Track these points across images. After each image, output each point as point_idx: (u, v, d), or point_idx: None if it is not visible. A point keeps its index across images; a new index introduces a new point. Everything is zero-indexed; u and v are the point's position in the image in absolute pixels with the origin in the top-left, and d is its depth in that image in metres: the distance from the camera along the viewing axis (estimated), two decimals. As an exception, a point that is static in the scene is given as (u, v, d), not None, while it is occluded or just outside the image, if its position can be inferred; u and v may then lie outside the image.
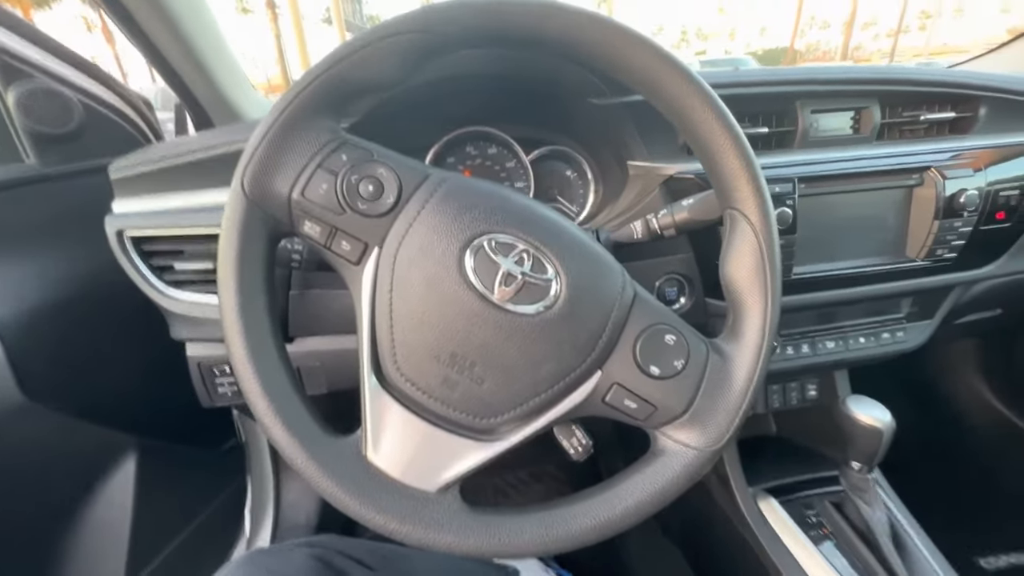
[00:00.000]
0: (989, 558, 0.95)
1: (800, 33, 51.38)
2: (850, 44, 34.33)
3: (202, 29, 0.65)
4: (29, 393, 0.54)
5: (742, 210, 0.39)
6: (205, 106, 0.67)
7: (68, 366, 0.59)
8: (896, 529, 0.62)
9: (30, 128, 0.56)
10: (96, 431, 0.63)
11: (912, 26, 57.03)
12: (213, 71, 0.67)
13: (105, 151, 0.65)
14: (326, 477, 0.35)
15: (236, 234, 0.36)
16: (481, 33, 0.37)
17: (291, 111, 0.36)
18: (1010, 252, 0.65)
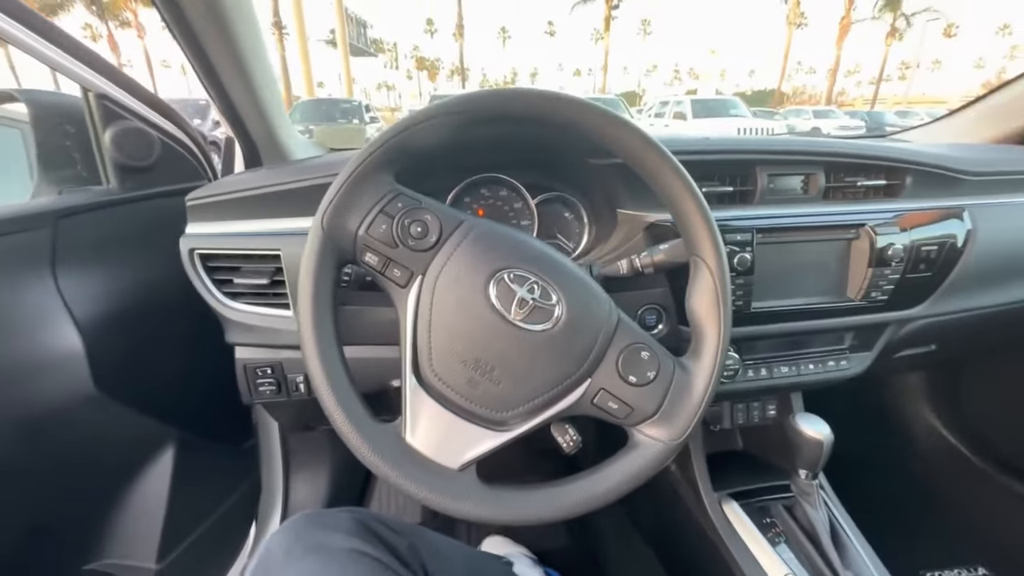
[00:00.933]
0: (931, 573, 1.05)
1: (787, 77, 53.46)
2: (834, 90, 35.87)
3: (263, 73, 0.76)
4: (99, 384, 0.63)
5: (703, 257, 0.50)
6: (257, 144, 0.78)
7: (131, 363, 0.68)
8: (835, 528, 0.72)
9: (118, 161, 0.67)
10: (145, 422, 0.72)
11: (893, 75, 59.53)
12: (268, 112, 0.78)
13: (171, 179, 0.76)
14: (373, 453, 0.45)
15: (314, 260, 0.47)
16: (504, 114, 0.49)
17: (363, 168, 0.47)
18: (933, 297, 0.77)
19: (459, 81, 69.16)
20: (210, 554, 0.86)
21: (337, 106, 9.44)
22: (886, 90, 46.63)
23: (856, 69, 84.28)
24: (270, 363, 0.69)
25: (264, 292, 0.65)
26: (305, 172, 0.67)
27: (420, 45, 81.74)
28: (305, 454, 1.05)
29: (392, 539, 0.51)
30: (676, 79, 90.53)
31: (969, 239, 0.76)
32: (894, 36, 34.61)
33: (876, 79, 41.46)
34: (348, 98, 12.44)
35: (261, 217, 0.66)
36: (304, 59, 13.42)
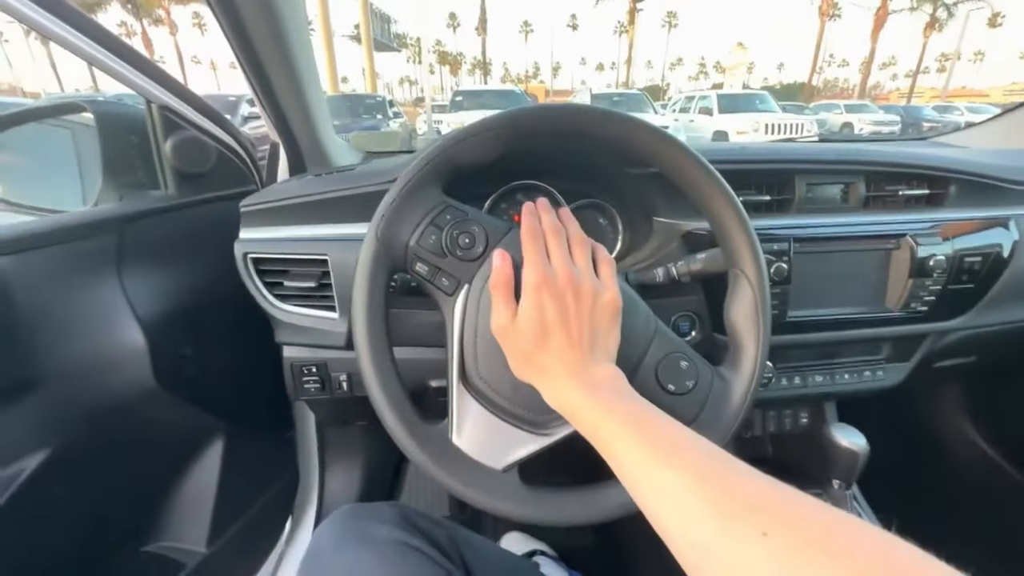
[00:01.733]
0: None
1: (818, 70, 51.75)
2: (868, 83, 34.60)
3: (311, 77, 0.79)
4: (159, 379, 0.67)
5: (744, 271, 0.51)
6: (303, 149, 0.82)
7: (187, 359, 0.72)
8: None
9: (178, 168, 0.71)
10: (197, 414, 0.76)
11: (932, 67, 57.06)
12: (315, 117, 0.81)
13: (224, 184, 0.80)
14: (422, 453, 0.47)
15: (369, 268, 0.49)
16: (553, 130, 0.50)
17: (414, 182, 0.49)
18: (976, 308, 0.76)
19: (480, 75, 68.96)
20: (251, 541, 0.91)
21: (362, 102, 9.56)
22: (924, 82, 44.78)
23: (892, 62, 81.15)
24: (315, 362, 0.73)
25: (311, 295, 0.69)
26: (350, 181, 0.70)
27: (443, 40, 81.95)
28: (340, 448, 1.09)
29: (433, 531, 0.53)
30: (702, 73, 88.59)
31: (1016, 250, 0.74)
32: (934, 27, 33.16)
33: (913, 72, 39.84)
34: (372, 93, 12.59)
35: (309, 223, 0.69)
36: (329, 55, 13.60)
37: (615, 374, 0.43)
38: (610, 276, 0.48)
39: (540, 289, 0.44)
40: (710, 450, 0.34)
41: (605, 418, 0.39)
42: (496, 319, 0.45)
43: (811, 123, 9.61)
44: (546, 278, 0.44)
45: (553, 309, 0.43)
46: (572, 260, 0.47)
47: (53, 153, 0.83)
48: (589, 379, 0.42)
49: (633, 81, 49.41)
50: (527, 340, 0.44)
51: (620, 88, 30.95)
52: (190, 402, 0.74)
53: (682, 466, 0.32)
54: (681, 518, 0.30)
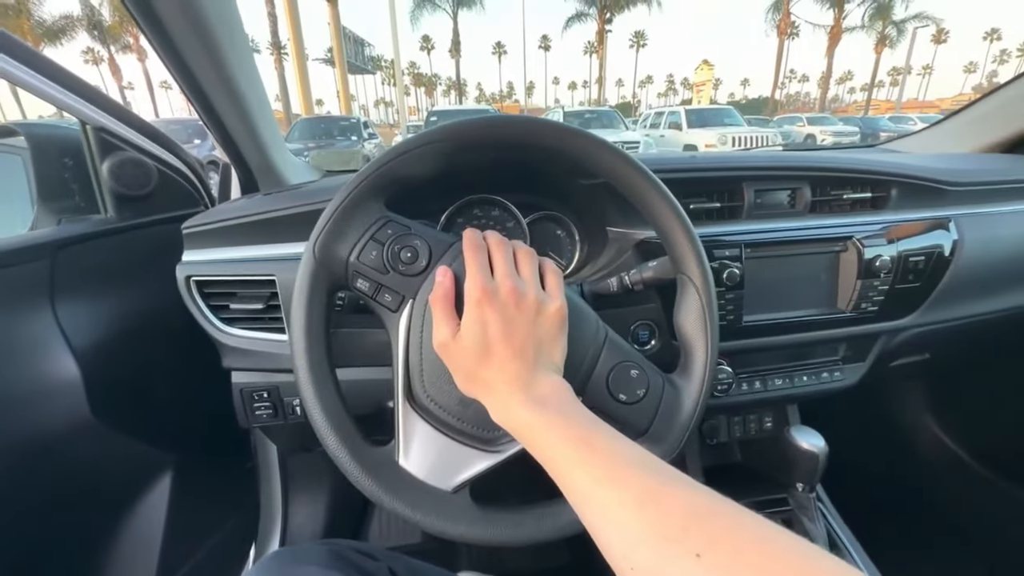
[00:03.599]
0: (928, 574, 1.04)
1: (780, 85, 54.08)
2: (827, 97, 36.23)
3: (256, 98, 0.78)
4: (96, 412, 0.64)
5: (689, 276, 0.51)
6: (253, 169, 0.80)
7: (129, 390, 0.68)
8: (834, 541, 0.71)
9: (116, 191, 0.68)
10: (143, 448, 0.72)
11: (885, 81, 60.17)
12: (262, 138, 0.79)
13: (168, 206, 0.78)
14: (366, 477, 0.45)
15: (306, 287, 0.47)
16: (495, 143, 0.50)
17: (352, 197, 0.48)
18: (924, 306, 0.78)
19: (455, 96, 69.82)
20: (212, 574, 0.86)
21: (336, 124, 9.54)
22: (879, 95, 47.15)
23: (848, 76, 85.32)
24: (266, 387, 0.70)
25: (260, 317, 0.66)
26: (299, 198, 0.68)
27: (417, 62, 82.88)
28: (304, 476, 1.04)
29: (370, 567, 0.50)
30: (671, 89, 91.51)
31: (956, 249, 0.77)
32: (884, 44, 35.07)
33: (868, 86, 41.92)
34: (346, 115, 12.58)
35: (256, 243, 0.67)
36: (301, 76, 13.60)
37: (561, 386, 0.42)
38: (556, 286, 0.47)
39: (481, 303, 0.43)
40: (654, 467, 0.34)
41: (549, 435, 0.38)
42: (437, 335, 0.44)
43: (775, 135, 10.00)
44: (487, 291, 0.43)
45: (495, 323, 0.42)
46: (517, 272, 0.46)
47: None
48: (534, 393, 0.41)
49: (605, 99, 50.68)
50: (470, 356, 0.43)
51: (592, 105, 31.70)
52: (134, 435, 0.70)
53: (623, 485, 0.32)
54: (622, 539, 0.30)
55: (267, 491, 1.01)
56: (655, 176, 0.50)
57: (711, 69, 28.22)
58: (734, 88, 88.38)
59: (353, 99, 28.51)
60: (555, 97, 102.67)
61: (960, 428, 1.20)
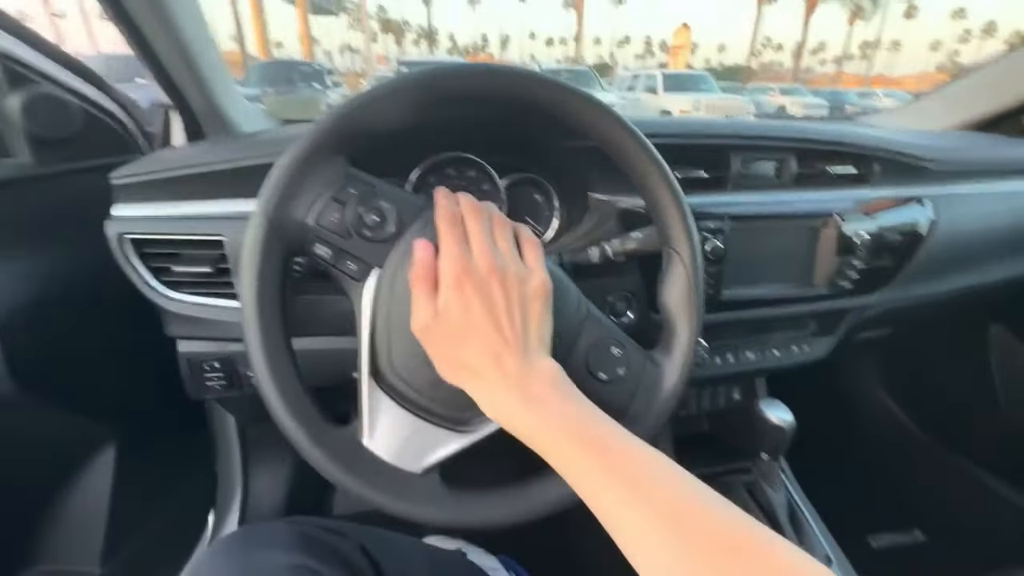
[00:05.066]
0: (877, 537, 1.12)
1: (756, 53, 54.05)
2: (800, 68, 36.50)
3: (200, 39, 0.68)
4: (21, 383, 0.57)
5: (677, 250, 0.48)
6: (198, 114, 0.71)
7: (59, 358, 0.61)
8: (794, 509, 0.74)
9: (32, 132, 0.59)
10: (80, 421, 0.66)
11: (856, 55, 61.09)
12: (207, 80, 0.70)
13: (98, 152, 0.68)
14: (328, 460, 0.42)
15: (257, 253, 0.42)
16: (475, 93, 0.44)
17: (310, 149, 0.42)
18: (893, 284, 0.79)
19: (426, 46, 66.43)
20: (163, 552, 0.82)
21: (296, 69, 8.90)
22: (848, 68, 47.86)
23: (821, 47, 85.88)
24: (218, 356, 0.65)
25: (208, 281, 0.60)
26: (252, 148, 0.61)
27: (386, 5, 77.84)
28: (265, 445, 1.00)
29: (339, 544, 0.48)
30: (648, 52, 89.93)
31: (930, 227, 0.77)
32: (858, 16, 35.24)
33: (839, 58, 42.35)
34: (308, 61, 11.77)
35: (201, 198, 0.60)
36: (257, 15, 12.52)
37: (554, 371, 0.40)
38: (536, 259, 0.44)
39: (461, 283, 0.39)
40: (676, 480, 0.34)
41: (557, 437, 0.37)
42: (417, 317, 0.40)
43: (748, 104, 10.02)
44: (467, 269, 0.39)
45: (477, 304, 0.39)
46: (495, 244, 0.42)
47: None
48: (527, 383, 0.39)
49: (582, 57, 49.25)
50: (453, 341, 0.39)
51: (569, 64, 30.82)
52: (69, 408, 0.64)
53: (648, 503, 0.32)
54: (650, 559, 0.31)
55: (225, 462, 0.97)
56: (649, 142, 0.46)
57: (689, 32, 27.74)
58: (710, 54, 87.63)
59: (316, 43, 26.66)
60: (531, 53, 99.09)
61: (909, 398, 1.27)
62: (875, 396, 1.28)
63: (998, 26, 79.35)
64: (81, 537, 0.69)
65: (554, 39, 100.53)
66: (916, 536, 1.13)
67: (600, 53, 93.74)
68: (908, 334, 1.06)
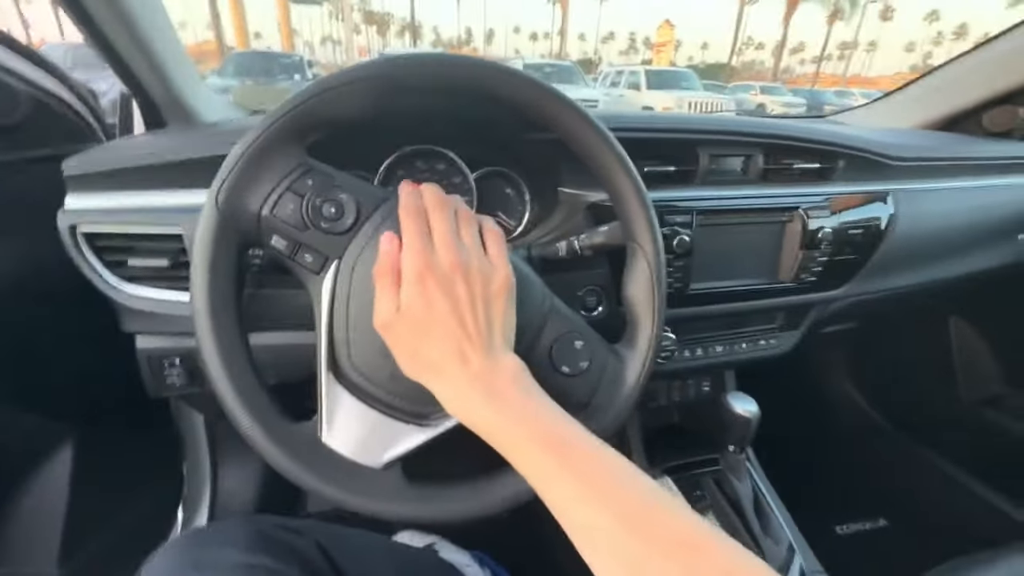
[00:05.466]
0: (843, 526, 1.16)
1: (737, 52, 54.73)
2: (780, 67, 37.06)
3: (156, 25, 0.66)
4: None
5: (640, 244, 0.49)
6: (158, 103, 0.69)
7: (8, 355, 0.59)
8: (759, 500, 0.76)
9: (-27, 118, 0.56)
10: (33, 419, 0.64)
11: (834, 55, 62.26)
12: (166, 68, 0.68)
13: (50, 141, 0.66)
14: (285, 457, 0.41)
15: (209, 245, 0.41)
16: (439, 86, 0.44)
17: (264, 139, 0.41)
18: (856, 278, 0.81)
19: (410, 39, 65.64)
20: (127, 552, 0.80)
21: (276, 60, 8.71)
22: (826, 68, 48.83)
23: (800, 47, 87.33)
24: (178, 352, 0.63)
25: (166, 275, 0.58)
26: (212, 138, 0.59)
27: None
28: (235, 439, 0.98)
29: (296, 543, 0.47)
30: (632, 48, 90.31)
31: (891, 223, 0.79)
32: (837, 17, 35.93)
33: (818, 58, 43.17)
34: (288, 53, 11.52)
35: (158, 189, 0.58)
36: (234, 3, 12.20)
37: (516, 368, 0.40)
38: (499, 253, 0.44)
39: (424, 278, 0.39)
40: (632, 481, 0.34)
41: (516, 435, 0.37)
42: (380, 312, 0.40)
43: (729, 102, 10.15)
44: (430, 264, 0.39)
45: (440, 300, 0.39)
46: (459, 239, 0.42)
47: None
48: (490, 379, 0.38)
49: (567, 53, 49.22)
50: (415, 336, 0.39)
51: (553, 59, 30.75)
52: (19, 406, 0.61)
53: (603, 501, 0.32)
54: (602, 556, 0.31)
55: (193, 458, 0.95)
56: (611, 135, 0.47)
57: (672, 30, 27.94)
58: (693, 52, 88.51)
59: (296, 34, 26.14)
60: (515, 47, 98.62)
61: (873, 390, 1.30)
62: (842, 388, 1.32)
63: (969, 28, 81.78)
64: (38, 538, 0.67)
65: (538, 34, 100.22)
66: (880, 524, 1.16)
67: (584, 49, 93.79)
68: (873, 328, 1.09)
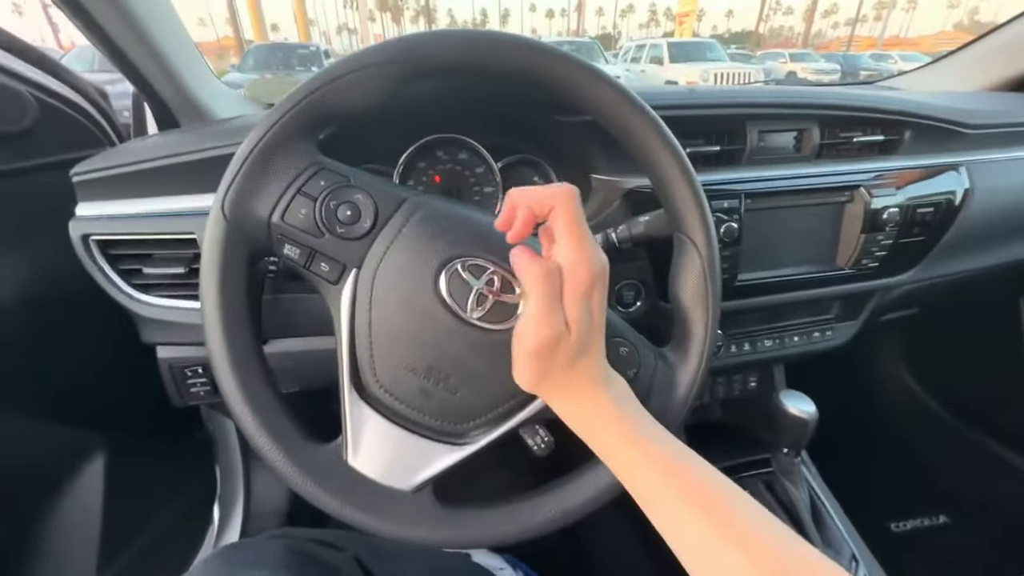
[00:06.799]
0: (899, 523, 1.09)
1: (764, 18, 52.26)
2: (811, 31, 35.22)
3: (162, 21, 0.63)
4: None
5: (690, 236, 0.43)
6: (169, 103, 0.66)
7: (35, 367, 0.58)
8: (816, 505, 0.70)
9: (-18, 126, 0.54)
10: (64, 431, 0.63)
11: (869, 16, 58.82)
12: (176, 66, 0.65)
13: (61, 147, 0.64)
14: (309, 482, 0.38)
15: (217, 255, 0.38)
16: (453, 64, 0.39)
17: (270, 137, 0.37)
18: (924, 261, 0.73)
19: (425, 23, 65.06)
20: (164, 557, 0.80)
21: (294, 52, 8.76)
22: (861, 31, 46.18)
23: (833, 10, 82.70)
24: (200, 362, 0.61)
25: (183, 282, 0.56)
26: (225, 136, 0.56)
27: (382, -17, 75.93)
28: None
29: (332, 559, 0.45)
30: (653, 21, 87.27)
31: (966, 198, 0.71)
32: (872, -26, 33.74)
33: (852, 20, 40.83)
34: (305, 43, 11.57)
35: (170, 193, 0.55)
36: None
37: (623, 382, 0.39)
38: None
39: (596, 288, 0.35)
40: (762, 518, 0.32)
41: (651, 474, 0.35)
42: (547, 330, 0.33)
43: (758, 72, 9.70)
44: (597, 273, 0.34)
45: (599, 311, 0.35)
46: None
47: None
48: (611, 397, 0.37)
49: (584, 29, 47.85)
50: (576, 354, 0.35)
51: (571, 36, 29.99)
52: (49, 419, 0.61)
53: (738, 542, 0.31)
54: None
55: (225, 461, 0.95)
56: (657, 116, 0.41)
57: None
58: (717, 20, 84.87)
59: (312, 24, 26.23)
60: (532, 27, 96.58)
61: (932, 377, 1.21)
62: (898, 377, 1.23)
63: (1020, -21, 75.33)
64: (76, 547, 0.67)
65: (555, 11, 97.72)
66: (941, 521, 1.09)
67: (603, 24, 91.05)
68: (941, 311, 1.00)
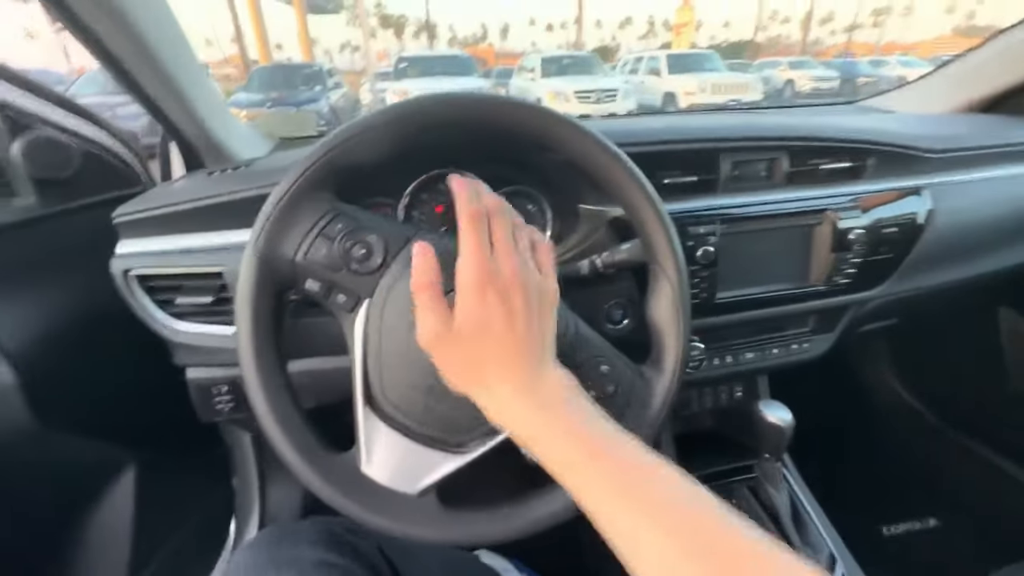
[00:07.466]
0: (890, 527, 1.12)
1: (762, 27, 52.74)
2: (808, 39, 35.51)
3: (185, 68, 0.69)
4: (40, 417, 0.60)
5: (661, 266, 0.49)
6: (194, 145, 0.72)
7: (74, 390, 0.64)
8: (797, 508, 0.75)
9: (34, 175, 0.61)
10: (98, 447, 0.69)
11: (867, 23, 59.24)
12: (198, 112, 0.71)
13: (100, 188, 0.70)
14: (329, 487, 0.44)
15: (251, 292, 0.44)
16: (451, 123, 0.46)
17: (296, 188, 0.43)
18: (893, 277, 0.78)
19: (426, 39, 66.05)
20: (187, 565, 0.85)
21: (298, 72, 8.94)
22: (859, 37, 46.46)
23: (829, 17, 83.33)
24: (226, 381, 0.67)
25: (211, 310, 0.62)
26: (247, 180, 0.63)
27: (384, 1, 77.29)
28: None
29: (360, 544, 0.51)
30: (651, 32, 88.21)
31: (929, 218, 0.76)
32: (868, -19, 34.11)
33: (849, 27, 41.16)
34: (308, 62, 11.82)
35: (200, 231, 0.61)
36: (256, 19, 12.57)
37: (567, 379, 0.40)
38: (549, 264, 0.43)
39: (484, 288, 0.37)
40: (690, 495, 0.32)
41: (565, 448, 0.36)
42: (427, 328, 0.38)
43: (756, 81, 9.80)
44: (491, 274, 0.38)
45: (499, 312, 0.37)
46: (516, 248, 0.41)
47: None
48: (543, 392, 0.38)
49: (583, 42, 48.54)
50: (471, 349, 0.38)
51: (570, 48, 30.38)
52: (87, 436, 0.67)
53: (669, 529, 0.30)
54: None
55: (242, 474, 1.00)
56: (622, 153, 0.47)
57: (692, 10, 27.15)
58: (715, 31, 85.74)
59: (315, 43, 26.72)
60: (531, 40, 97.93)
61: (918, 381, 1.25)
62: (885, 384, 1.27)
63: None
64: (106, 560, 0.72)
65: (554, 24, 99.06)
66: (931, 524, 1.12)
67: (602, 36, 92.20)
68: (921, 321, 1.05)
